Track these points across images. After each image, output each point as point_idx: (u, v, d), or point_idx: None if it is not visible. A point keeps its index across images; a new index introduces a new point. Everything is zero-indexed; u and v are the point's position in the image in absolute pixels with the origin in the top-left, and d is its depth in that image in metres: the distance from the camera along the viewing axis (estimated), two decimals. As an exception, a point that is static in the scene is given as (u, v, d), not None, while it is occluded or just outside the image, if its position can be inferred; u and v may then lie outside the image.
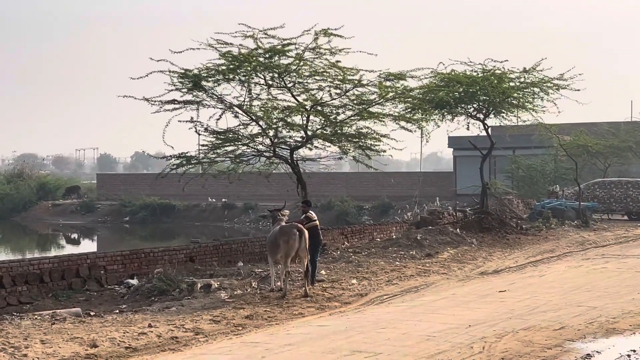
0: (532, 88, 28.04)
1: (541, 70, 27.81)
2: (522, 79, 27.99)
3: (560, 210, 33.02)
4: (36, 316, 13.53)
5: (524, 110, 28.58)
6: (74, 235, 50.30)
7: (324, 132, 21.72)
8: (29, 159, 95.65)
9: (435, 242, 23.12)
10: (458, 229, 25.44)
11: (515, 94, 27.79)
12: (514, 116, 29.34)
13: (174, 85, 20.58)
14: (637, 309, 12.65)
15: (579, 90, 28.22)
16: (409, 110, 25.26)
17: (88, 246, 44.19)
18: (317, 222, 17.06)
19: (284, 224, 16.17)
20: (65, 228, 53.36)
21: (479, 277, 17.83)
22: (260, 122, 21.17)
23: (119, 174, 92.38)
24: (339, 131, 21.75)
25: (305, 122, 21.50)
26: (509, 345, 10.15)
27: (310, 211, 17.10)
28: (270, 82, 21.21)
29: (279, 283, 15.98)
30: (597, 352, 9.85)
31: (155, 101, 20.62)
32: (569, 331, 11.04)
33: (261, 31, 20.51)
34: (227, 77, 20.67)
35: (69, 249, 40.69)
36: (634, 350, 9.77)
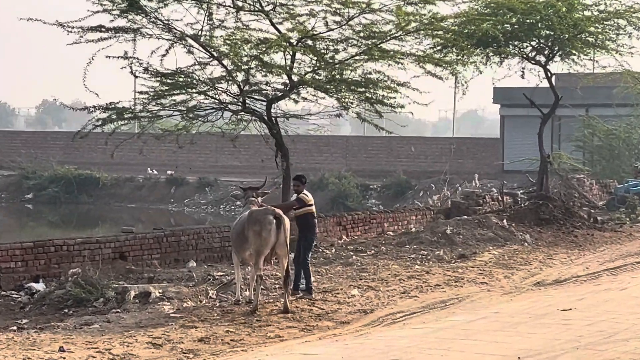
0: (615, 20, 28.00)
1: (629, -5, 27.84)
2: (601, 7, 27.96)
3: (651, 197, 33.14)
4: None
5: (603, 51, 28.58)
6: (-47, 219, 50.17)
7: (316, 77, 21.69)
8: None
9: (473, 238, 23.18)
10: (505, 221, 25.49)
11: (592, 28, 27.77)
12: (589, 60, 29.40)
13: (101, 4, 20.50)
14: None
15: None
16: (439, 48, 25.21)
17: (-27, 234, 44.07)
18: (314, 207, 17.07)
19: (255, 207, 16.12)
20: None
21: (534, 289, 17.83)
22: (225, 61, 21.12)
23: (19, 132, 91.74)
24: (337, 76, 21.73)
25: (289, 63, 21.45)
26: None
27: (305, 191, 17.05)
28: (239, 4, 21.14)
29: (247, 292, 15.99)
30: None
31: (73, 27, 20.52)
32: (661, 369, 11.09)
33: None
34: (177, -6, 20.62)
35: (-54, 239, 40.59)
36: None
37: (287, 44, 21.06)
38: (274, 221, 15.24)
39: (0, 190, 55.83)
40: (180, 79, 21.21)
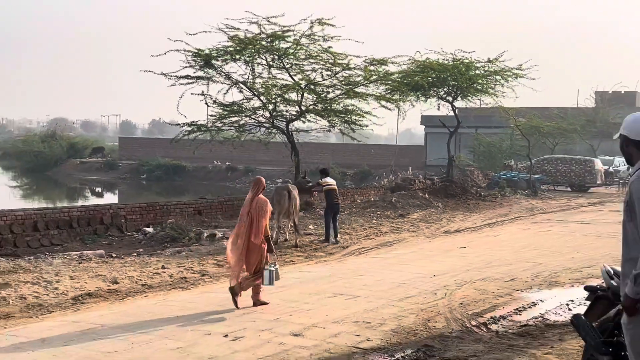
0: (494, 76, 27.96)
1: (502, 61, 27.74)
2: (486, 68, 27.90)
3: (513, 181, 33.13)
4: (66, 256, 13.53)
5: (486, 94, 28.53)
6: (98, 189, 50.11)
7: (316, 107, 21.67)
8: (60, 122, 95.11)
9: (407, 204, 23.17)
10: (427, 194, 25.48)
11: (480, 81, 27.72)
12: (478, 99, 29.36)
13: (188, 62, 20.48)
14: (576, 266, 12.75)
15: (534, 79, 28.26)
16: (389, 91, 25.18)
17: (110, 198, 44.10)
18: (333, 186, 16.73)
19: (281, 185, 16.24)
20: (90, 182, 53.15)
21: (443, 235, 17.89)
22: (261, 97, 21.10)
23: (138, 138, 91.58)
24: (328, 107, 21.70)
25: (299, 98, 21.43)
26: (466, 293, 10.23)
27: (323, 178, 16.84)
28: (270, 63, 21.10)
29: (274, 235, 16.06)
30: (541, 300, 9.94)
31: (171, 76, 20.50)
32: (518, 282, 11.13)
33: (264, 18, 20.38)
34: (234, 57, 20.55)
35: (94, 200, 40.61)
36: (572, 300, 9.86)
37: (299, 88, 21.03)
38: (287, 194, 15.34)
39: (126, 172, 55.74)
40: (235, 108, 21.18)
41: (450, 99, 28.85)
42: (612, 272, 5.28)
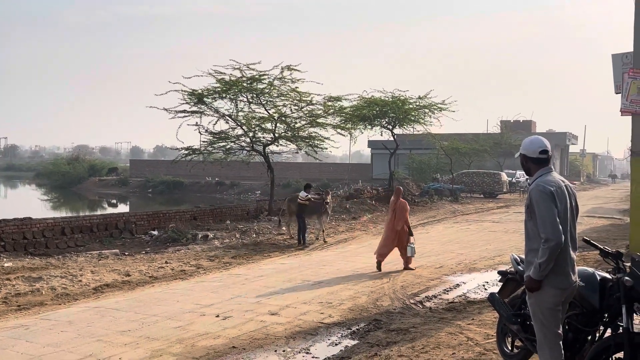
0: (424, 109, 28.31)
1: (430, 98, 28.13)
2: (417, 103, 28.23)
3: (439, 190, 33.48)
4: (88, 255, 13.22)
5: (418, 123, 28.86)
6: (114, 201, 49.10)
7: (286, 134, 21.66)
8: (82, 148, 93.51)
9: (358, 209, 23.28)
10: (373, 201, 25.61)
11: (413, 113, 28.01)
12: (412, 127, 29.64)
13: (185, 100, 20.30)
14: (489, 255, 12.88)
15: (454, 111, 28.91)
16: (343, 121, 25.32)
17: (123, 208, 43.22)
18: (302, 200, 15.90)
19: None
20: (107, 196, 52.11)
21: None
22: (243, 127, 21.00)
23: (145, 160, 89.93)
24: (296, 134, 21.71)
25: (273, 127, 21.40)
26: (406, 278, 10.26)
27: (302, 192, 16.19)
28: (250, 100, 21.04)
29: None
30: (464, 282, 10.00)
31: (171, 111, 20.31)
32: (445, 269, 11.20)
33: (245, 65, 20.33)
34: (221, 95, 20.44)
35: (110, 210, 39.80)
36: (487, 282, 9.95)
37: (273, 119, 20.99)
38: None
39: (135, 187, 54.80)
40: (222, 135, 21.04)
41: (390, 127, 29.10)
42: (518, 259, 5.34)
